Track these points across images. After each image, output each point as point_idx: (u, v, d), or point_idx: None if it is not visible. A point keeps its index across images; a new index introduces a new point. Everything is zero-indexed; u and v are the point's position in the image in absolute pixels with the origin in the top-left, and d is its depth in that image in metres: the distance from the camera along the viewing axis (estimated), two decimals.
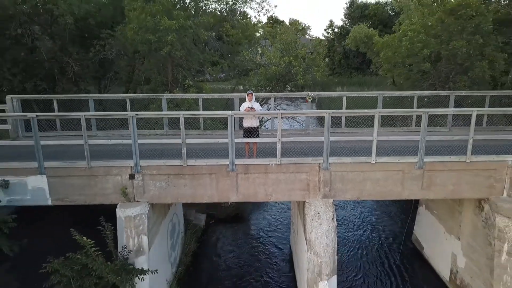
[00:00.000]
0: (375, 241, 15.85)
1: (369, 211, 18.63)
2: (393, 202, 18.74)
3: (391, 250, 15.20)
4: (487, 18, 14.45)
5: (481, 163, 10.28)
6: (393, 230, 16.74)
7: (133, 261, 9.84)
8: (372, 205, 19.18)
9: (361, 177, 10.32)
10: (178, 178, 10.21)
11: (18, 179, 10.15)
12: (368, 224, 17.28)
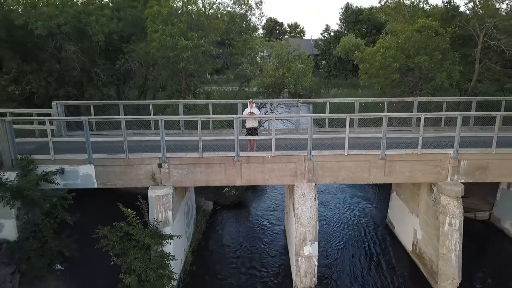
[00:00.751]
0: (356, 222, 18.88)
1: (354, 199, 21.66)
2: (374, 192, 21.78)
3: (369, 229, 18.24)
4: (445, 38, 17.45)
5: (429, 154, 13.29)
6: (372, 214, 19.79)
7: (161, 230, 12.82)
8: (356, 194, 22.23)
9: (337, 166, 13.32)
10: (196, 167, 13.20)
11: (72, 167, 13.13)
12: (353, 210, 20.31)
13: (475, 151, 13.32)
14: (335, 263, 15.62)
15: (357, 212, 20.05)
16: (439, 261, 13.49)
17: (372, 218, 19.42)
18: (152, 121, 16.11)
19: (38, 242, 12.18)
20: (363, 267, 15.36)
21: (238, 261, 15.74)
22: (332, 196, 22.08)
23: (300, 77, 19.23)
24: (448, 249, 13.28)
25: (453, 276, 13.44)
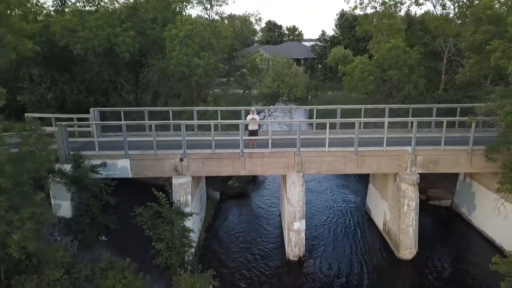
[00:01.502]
0: (341, 209, 22.56)
1: (340, 190, 25.33)
2: (357, 184, 25.45)
3: (351, 214, 21.91)
4: (411, 55, 21.09)
5: (392, 151, 16.93)
6: (355, 202, 23.48)
7: (182, 210, 16.43)
8: (343, 185, 25.90)
9: (320, 159, 16.96)
10: (209, 160, 16.83)
11: (112, 161, 16.74)
12: (339, 199, 23.98)
13: (428, 148, 16.98)
14: (320, 239, 19.30)
15: (342, 201, 23.74)
16: (400, 235, 17.17)
17: (354, 205, 23.11)
18: (171, 124, 19.73)
19: (89, 218, 15.78)
20: (344, 242, 19.03)
21: (242, 238, 19.41)
22: (322, 188, 25.74)
23: (292, 88, 22.87)
24: (407, 225, 16.94)
25: (410, 246, 17.12)
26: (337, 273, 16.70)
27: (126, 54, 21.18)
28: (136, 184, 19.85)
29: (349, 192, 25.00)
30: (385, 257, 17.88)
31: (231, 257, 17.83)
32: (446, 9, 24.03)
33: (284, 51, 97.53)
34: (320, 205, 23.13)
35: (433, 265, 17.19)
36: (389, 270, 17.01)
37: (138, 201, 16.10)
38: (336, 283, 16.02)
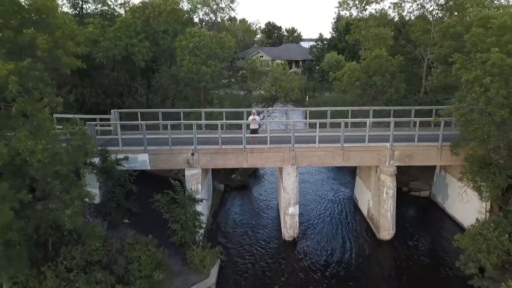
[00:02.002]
0: (331, 199, 25.40)
1: (331, 181, 28.18)
2: (346, 176, 28.29)
3: (340, 203, 24.77)
4: (392, 63, 23.90)
5: (373, 147, 19.76)
6: (344, 193, 26.35)
7: (194, 197, 19.24)
8: (334, 178, 28.74)
9: (311, 154, 19.77)
10: (216, 155, 19.63)
11: (133, 155, 19.54)
12: (330, 190, 26.83)
13: (404, 144, 19.82)
14: (313, 223, 22.16)
15: (333, 191, 26.62)
16: (381, 218, 20.03)
17: (343, 195, 25.98)
18: (182, 124, 22.53)
19: (115, 203, 18.56)
20: (334, 226, 21.88)
21: (244, 222, 22.29)
22: (315, 179, 28.59)
23: (288, 91, 25.69)
24: (386, 210, 19.80)
25: (389, 228, 19.98)
26: (326, 251, 19.54)
27: (142, 62, 24.03)
28: (152, 176, 22.74)
29: (339, 184, 27.88)
30: (368, 238, 20.72)
31: (235, 237, 20.69)
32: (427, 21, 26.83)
33: (283, 53, 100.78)
34: (313, 194, 26.04)
35: (409, 244, 20.04)
36: (371, 248, 19.86)
37: (154, 190, 18.97)
38: (326, 260, 18.85)
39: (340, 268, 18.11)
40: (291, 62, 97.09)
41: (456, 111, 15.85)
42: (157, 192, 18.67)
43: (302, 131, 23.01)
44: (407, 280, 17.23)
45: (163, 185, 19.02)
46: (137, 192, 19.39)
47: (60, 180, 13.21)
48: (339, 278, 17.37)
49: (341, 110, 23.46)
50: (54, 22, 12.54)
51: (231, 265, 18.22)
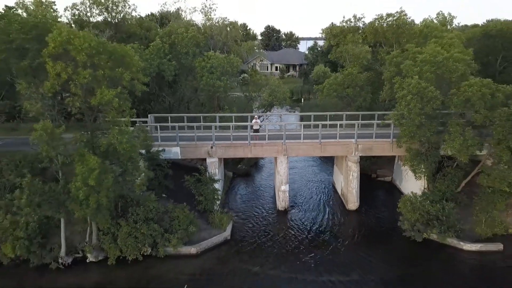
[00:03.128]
0: (315, 183, 32.87)
1: (315, 169, 35.65)
2: (327, 165, 35.73)
3: (321, 186, 32.24)
4: (361, 78, 31.24)
5: (343, 141, 27.17)
6: (325, 176, 33.84)
7: (213, 178, 26.65)
8: (318, 167, 36.21)
9: (297, 147, 27.21)
10: (229, 148, 27.06)
11: (168, 148, 26.92)
12: (314, 176, 34.30)
13: (365, 140, 27.21)
14: (299, 198, 29.64)
15: (317, 176, 34.10)
16: (348, 194, 27.50)
17: (324, 179, 33.46)
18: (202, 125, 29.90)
19: (157, 182, 25.93)
20: (315, 201, 29.35)
21: (248, 198, 29.80)
22: (305, 167, 36.06)
23: (281, 101, 33.07)
24: (352, 188, 27.26)
25: (354, 201, 27.45)
26: (309, 217, 26.98)
27: (170, 77, 31.46)
28: (179, 165, 30.16)
29: (322, 171, 35.44)
30: (340, 209, 28.19)
31: (242, 207, 28.23)
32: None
33: (282, 57, 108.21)
34: (301, 177, 33.61)
35: (370, 213, 27.48)
36: (342, 216, 27.30)
37: (181, 174, 26.40)
38: (309, 223, 26.26)
39: (320, 229, 25.57)
40: (289, 66, 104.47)
41: (393, 117, 23.29)
42: (183, 176, 26.16)
43: (291, 130, 30.39)
44: (366, 237, 24.63)
45: (187, 171, 26.53)
46: (171, 175, 26.87)
47: (132, 162, 20.62)
48: (318, 235, 24.84)
49: (322, 114, 30.83)
50: (131, 62, 19.97)
51: (240, 224, 25.75)
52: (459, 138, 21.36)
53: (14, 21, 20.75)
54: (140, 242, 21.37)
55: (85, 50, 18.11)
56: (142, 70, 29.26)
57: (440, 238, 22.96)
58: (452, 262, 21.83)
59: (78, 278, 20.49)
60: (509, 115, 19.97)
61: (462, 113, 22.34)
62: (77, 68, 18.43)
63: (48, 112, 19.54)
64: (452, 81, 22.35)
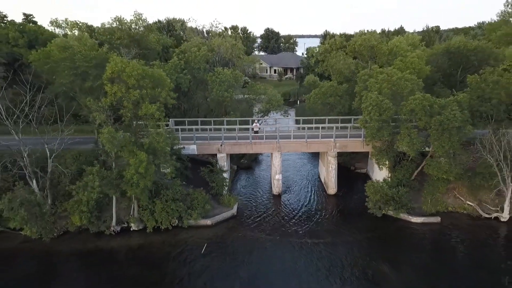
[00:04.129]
0: (304, 174, 40.36)
1: (305, 162, 43.12)
2: (314, 160, 43.18)
3: (309, 177, 39.72)
4: (341, 89, 38.54)
5: (324, 140, 34.61)
6: (312, 169, 41.33)
7: (222, 169, 34.08)
8: (308, 161, 43.67)
9: (288, 145, 34.65)
10: (235, 145, 34.50)
11: (187, 146, 34.35)
12: (304, 168, 41.78)
13: (342, 139, 34.62)
14: (291, 185, 37.13)
15: (305, 168, 41.57)
16: (328, 182, 35.00)
17: (311, 171, 40.92)
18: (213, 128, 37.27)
19: (179, 171, 33.31)
20: (304, 187, 36.84)
21: (249, 185, 37.29)
22: (295, 161, 43.52)
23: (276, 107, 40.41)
24: (331, 177, 34.75)
25: (333, 187, 34.96)
26: (299, 200, 34.44)
27: (185, 88, 38.85)
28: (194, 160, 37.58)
29: (310, 164, 42.90)
30: (322, 194, 35.68)
31: (245, 192, 35.72)
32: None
33: (280, 61, 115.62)
34: (293, 169, 41.02)
35: (346, 197, 34.94)
36: (323, 198, 34.78)
37: (196, 166, 33.86)
38: (298, 204, 33.70)
39: (306, 208, 33.05)
40: (287, 69, 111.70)
41: (360, 122, 30.73)
42: (199, 167, 33.63)
43: (284, 131, 37.76)
44: (341, 213, 32.11)
45: (202, 164, 33.98)
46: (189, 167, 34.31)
47: (164, 156, 28.03)
48: (304, 212, 32.32)
49: (309, 118, 38.17)
50: (165, 83, 27.37)
51: (244, 204, 33.26)
52: (407, 138, 28.77)
53: (78, 52, 28.10)
54: (170, 215, 28.82)
55: (134, 76, 25.53)
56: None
57: (395, 213, 30.43)
58: (403, 230, 29.35)
59: (125, 241, 27.96)
60: (441, 121, 27.32)
61: (410, 119, 29.64)
62: (128, 89, 25.85)
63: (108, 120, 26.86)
64: (403, 95, 29.74)
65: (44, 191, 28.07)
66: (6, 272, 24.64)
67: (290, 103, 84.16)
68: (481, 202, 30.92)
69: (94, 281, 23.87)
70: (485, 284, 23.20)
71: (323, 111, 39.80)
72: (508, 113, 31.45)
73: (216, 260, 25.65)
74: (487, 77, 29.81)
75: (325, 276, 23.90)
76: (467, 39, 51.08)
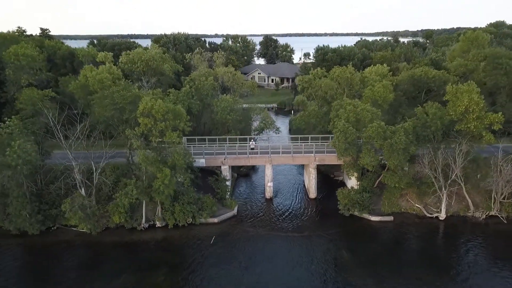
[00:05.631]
0: (292, 182, 49.37)
1: (293, 172, 52.13)
2: (300, 170, 52.18)
3: (295, 184, 48.73)
4: (320, 112, 47.36)
5: (306, 155, 43.57)
6: (298, 177, 50.35)
7: (225, 178, 43.02)
8: (297, 171, 52.67)
9: (278, 158, 43.61)
10: (235, 158, 43.47)
11: (197, 159, 43.28)
12: (292, 177, 50.78)
13: (320, 154, 43.56)
14: (280, 190, 46.13)
15: (293, 177, 50.61)
16: (310, 188, 44.01)
17: (297, 179, 49.91)
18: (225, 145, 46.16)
19: (192, 181, 42.18)
20: (291, 192, 45.85)
21: (247, 191, 46.33)
22: (285, 170, 52.50)
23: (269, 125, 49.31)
24: (312, 184, 43.73)
25: (314, 192, 43.97)
26: (287, 202, 43.42)
27: (196, 112, 47.84)
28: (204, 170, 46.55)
29: (297, 173, 51.88)
30: (305, 197, 44.68)
31: (243, 196, 44.75)
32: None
33: (277, 71, 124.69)
34: (283, 178, 50.04)
35: (324, 200, 43.91)
36: (305, 201, 43.77)
37: (205, 176, 42.85)
38: (286, 207, 42.64)
39: (291, 209, 42.01)
40: (283, 78, 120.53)
41: (331, 143, 39.64)
42: (207, 177, 42.62)
43: (274, 147, 46.65)
44: (318, 213, 41.09)
45: (209, 174, 42.93)
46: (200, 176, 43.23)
47: (181, 170, 36.94)
48: (290, 212, 41.29)
49: (295, 137, 47.04)
50: (183, 115, 36.31)
51: (242, 206, 42.28)
52: (367, 156, 37.68)
53: (117, 91, 37.01)
54: (186, 215, 37.74)
55: (160, 112, 34.45)
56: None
57: (359, 214, 39.38)
58: (364, 226, 38.34)
59: (152, 235, 36.93)
60: (391, 144, 36.14)
61: (370, 142, 38.44)
62: (156, 121, 34.78)
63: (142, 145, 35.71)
64: (365, 122, 38.64)
65: (91, 197, 37.01)
66: (67, 256, 33.66)
67: (286, 112, 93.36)
68: (426, 205, 39.87)
69: (131, 263, 32.77)
70: (425, 267, 32.05)
71: (307, 130, 48.76)
72: (447, 135, 40.30)
73: (221, 248, 34.58)
74: (428, 110, 38.66)
75: (303, 259, 32.84)
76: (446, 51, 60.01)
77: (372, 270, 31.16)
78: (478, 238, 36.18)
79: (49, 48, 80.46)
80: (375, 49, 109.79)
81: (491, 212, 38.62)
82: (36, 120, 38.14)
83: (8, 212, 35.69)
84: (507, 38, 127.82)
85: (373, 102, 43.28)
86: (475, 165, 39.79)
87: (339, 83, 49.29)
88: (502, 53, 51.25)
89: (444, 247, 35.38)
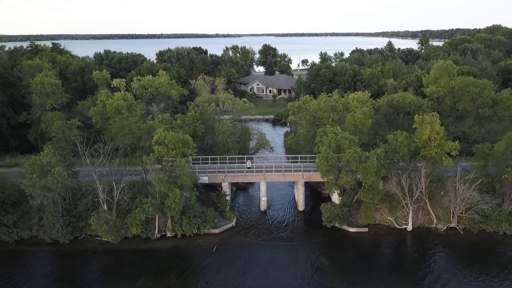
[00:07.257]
0: (284, 197, 56.27)
1: (285, 188, 59.04)
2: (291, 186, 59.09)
3: (287, 198, 55.62)
4: (308, 135, 54.13)
5: (295, 173, 50.42)
6: (289, 192, 57.25)
7: (226, 194, 49.88)
8: (286, 186, 59.59)
9: (271, 176, 50.47)
10: (234, 176, 50.36)
11: (201, 177, 50.14)
12: (284, 193, 57.67)
13: (307, 172, 50.42)
14: (274, 204, 53.02)
15: (285, 192, 57.50)
16: (299, 202, 50.91)
17: (288, 194, 56.78)
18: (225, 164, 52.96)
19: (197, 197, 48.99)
20: (283, 205, 52.75)
21: (244, 204, 53.27)
22: (278, 186, 59.39)
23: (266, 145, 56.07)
24: (300, 198, 50.61)
25: (302, 205, 50.87)
26: (279, 214, 50.29)
27: (200, 134, 54.74)
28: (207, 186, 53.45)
29: (287, 188, 58.78)
30: (295, 210, 51.56)
31: (241, 209, 51.65)
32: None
33: (275, 82, 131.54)
34: (276, 192, 56.93)
35: (311, 212, 50.78)
36: (295, 213, 50.64)
37: (208, 191, 49.75)
38: (279, 218, 49.50)
39: (284, 220, 48.88)
40: (281, 90, 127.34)
41: (315, 164, 46.48)
42: (208, 191, 49.53)
43: (268, 166, 53.41)
44: (306, 224, 47.97)
45: (211, 189, 49.87)
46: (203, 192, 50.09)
47: (189, 188, 43.84)
48: (282, 223, 48.15)
49: (287, 156, 53.84)
50: (190, 143, 43.18)
51: (240, 218, 49.18)
52: (345, 177, 44.50)
53: (135, 122, 43.88)
54: (192, 227, 44.59)
55: (171, 141, 41.33)
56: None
57: (339, 225, 46.26)
58: (342, 236, 45.21)
59: (163, 243, 43.84)
60: (365, 167, 42.92)
61: (347, 165, 45.16)
62: (168, 149, 41.65)
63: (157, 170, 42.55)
64: (344, 148, 45.46)
65: (112, 211, 43.88)
66: (92, 262, 40.62)
67: (282, 123, 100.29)
68: (396, 218, 46.73)
69: (147, 268, 39.62)
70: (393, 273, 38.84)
71: (297, 149, 55.65)
72: (414, 159, 47.10)
73: (222, 255, 41.47)
74: (398, 137, 45.50)
75: (289, 264, 39.72)
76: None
77: (345, 275, 38.04)
78: (439, 247, 43.07)
79: (61, 63, 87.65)
80: (367, 62, 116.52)
81: (451, 224, 45.49)
82: (65, 146, 45.01)
83: (42, 224, 42.66)
84: (499, 45, 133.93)
85: (354, 127, 50.10)
86: (440, 183, 46.70)
87: (324, 111, 56.11)
88: (469, 81, 58.02)
89: (410, 255, 42.27)
